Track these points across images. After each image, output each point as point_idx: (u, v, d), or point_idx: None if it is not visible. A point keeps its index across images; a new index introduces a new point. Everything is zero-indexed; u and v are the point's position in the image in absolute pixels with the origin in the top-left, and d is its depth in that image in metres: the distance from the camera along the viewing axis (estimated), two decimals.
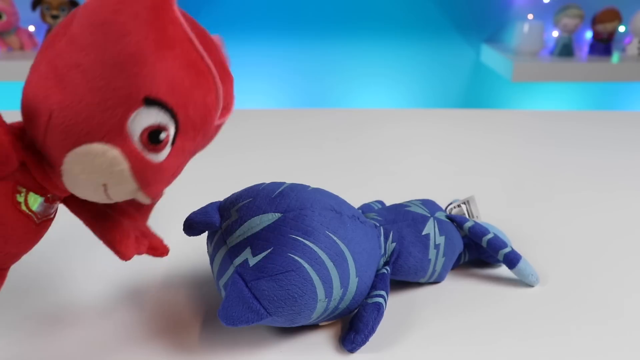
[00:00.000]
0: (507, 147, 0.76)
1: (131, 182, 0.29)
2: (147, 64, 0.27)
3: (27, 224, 0.31)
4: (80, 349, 0.37)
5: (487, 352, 0.37)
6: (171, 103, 0.28)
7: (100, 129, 0.27)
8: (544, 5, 1.76)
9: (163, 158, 0.29)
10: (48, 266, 0.46)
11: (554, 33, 1.73)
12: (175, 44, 0.28)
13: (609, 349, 0.37)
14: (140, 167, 0.28)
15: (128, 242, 0.34)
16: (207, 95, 0.30)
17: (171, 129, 0.29)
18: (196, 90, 0.29)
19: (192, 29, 0.29)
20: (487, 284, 0.44)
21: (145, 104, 0.27)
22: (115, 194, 0.30)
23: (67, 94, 0.27)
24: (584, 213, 0.57)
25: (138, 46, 0.26)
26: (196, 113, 0.29)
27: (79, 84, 0.27)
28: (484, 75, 1.84)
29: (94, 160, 0.28)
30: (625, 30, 1.74)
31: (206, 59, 0.29)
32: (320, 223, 0.35)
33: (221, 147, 0.74)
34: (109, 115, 0.27)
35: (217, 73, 0.30)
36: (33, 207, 0.31)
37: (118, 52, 0.26)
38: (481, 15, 1.78)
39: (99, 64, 0.26)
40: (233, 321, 0.34)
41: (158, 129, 0.28)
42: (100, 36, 0.26)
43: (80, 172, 0.28)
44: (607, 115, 0.96)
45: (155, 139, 0.28)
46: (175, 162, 0.30)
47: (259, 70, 1.82)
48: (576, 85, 1.85)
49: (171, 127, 0.29)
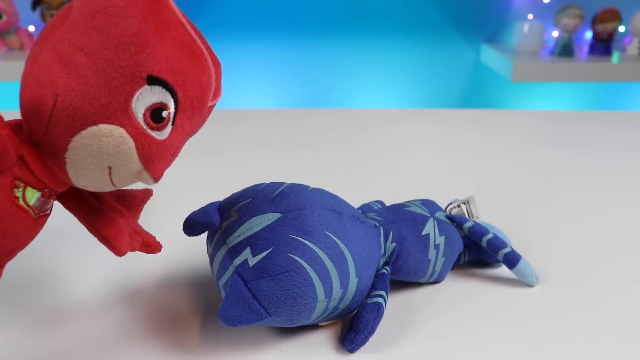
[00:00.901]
0: (507, 147, 0.76)
1: (136, 162, 0.30)
2: (148, 44, 0.28)
3: (25, 219, 0.31)
4: (79, 348, 0.37)
5: (487, 352, 0.37)
6: (171, 81, 0.30)
7: (106, 110, 0.28)
8: (544, 5, 1.76)
9: (166, 136, 0.30)
10: (47, 265, 0.46)
11: (554, 33, 1.73)
12: (171, 27, 0.30)
13: (609, 349, 0.37)
14: (145, 145, 0.30)
15: (122, 238, 0.34)
16: (202, 75, 0.31)
17: (172, 107, 0.30)
18: (192, 69, 0.31)
19: (182, 16, 0.31)
20: (487, 284, 0.44)
21: (148, 82, 0.29)
22: (119, 178, 0.31)
23: (72, 77, 0.28)
24: (584, 213, 0.57)
25: (139, 27, 0.28)
26: (193, 92, 0.31)
27: (84, 66, 0.28)
28: (484, 75, 1.84)
29: (100, 140, 0.28)
30: (625, 30, 1.74)
31: (198, 42, 0.31)
32: (320, 223, 0.35)
33: (221, 147, 0.74)
34: (115, 94, 0.28)
35: (208, 55, 0.32)
36: (30, 202, 0.31)
37: (121, 33, 0.28)
38: (481, 15, 1.78)
39: (103, 46, 0.28)
40: (233, 321, 0.34)
41: (160, 106, 0.29)
42: (103, 20, 0.28)
43: (87, 155, 0.29)
44: (607, 115, 0.96)
45: (158, 117, 0.30)
46: (176, 140, 0.31)
47: (259, 70, 1.82)
48: (576, 85, 1.85)
49: (171, 105, 0.30)
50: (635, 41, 1.65)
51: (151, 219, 0.54)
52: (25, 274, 0.44)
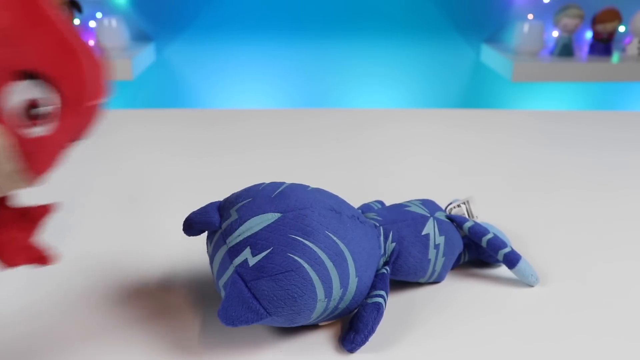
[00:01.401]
0: (507, 147, 0.76)
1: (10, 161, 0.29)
2: (23, 38, 0.28)
3: None
4: (79, 348, 0.37)
5: (487, 352, 0.37)
6: (47, 76, 0.29)
7: None
8: (544, 5, 1.76)
9: (43, 133, 0.30)
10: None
11: (554, 33, 1.73)
12: (46, 23, 0.30)
13: (610, 349, 0.37)
14: (19, 142, 0.29)
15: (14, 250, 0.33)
16: (79, 72, 0.31)
17: (48, 103, 0.30)
18: (68, 66, 0.31)
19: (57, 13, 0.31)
20: (487, 284, 0.44)
21: (23, 77, 0.28)
22: None
23: None
24: (584, 213, 0.57)
25: (11, 21, 0.28)
26: (71, 88, 0.31)
27: None
28: (484, 75, 1.84)
29: None
30: (625, 30, 1.74)
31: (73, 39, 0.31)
32: (320, 223, 0.35)
33: (221, 147, 0.74)
34: None
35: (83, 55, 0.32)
36: None
37: None
38: (481, 15, 1.78)
39: None
40: (232, 321, 0.34)
41: (35, 102, 0.29)
42: None
43: None
44: (607, 115, 0.96)
45: (33, 113, 0.29)
46: (57, 138, 0.31)
47: (259, 70, 1.82)
48: (576, 85, 1.85)
49: (48, 101, 0.30)
50: (635, 41, 1.65)
51: (151, 219, 0.54)
52: (23, 272, 0.44)
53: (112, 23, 1.62)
